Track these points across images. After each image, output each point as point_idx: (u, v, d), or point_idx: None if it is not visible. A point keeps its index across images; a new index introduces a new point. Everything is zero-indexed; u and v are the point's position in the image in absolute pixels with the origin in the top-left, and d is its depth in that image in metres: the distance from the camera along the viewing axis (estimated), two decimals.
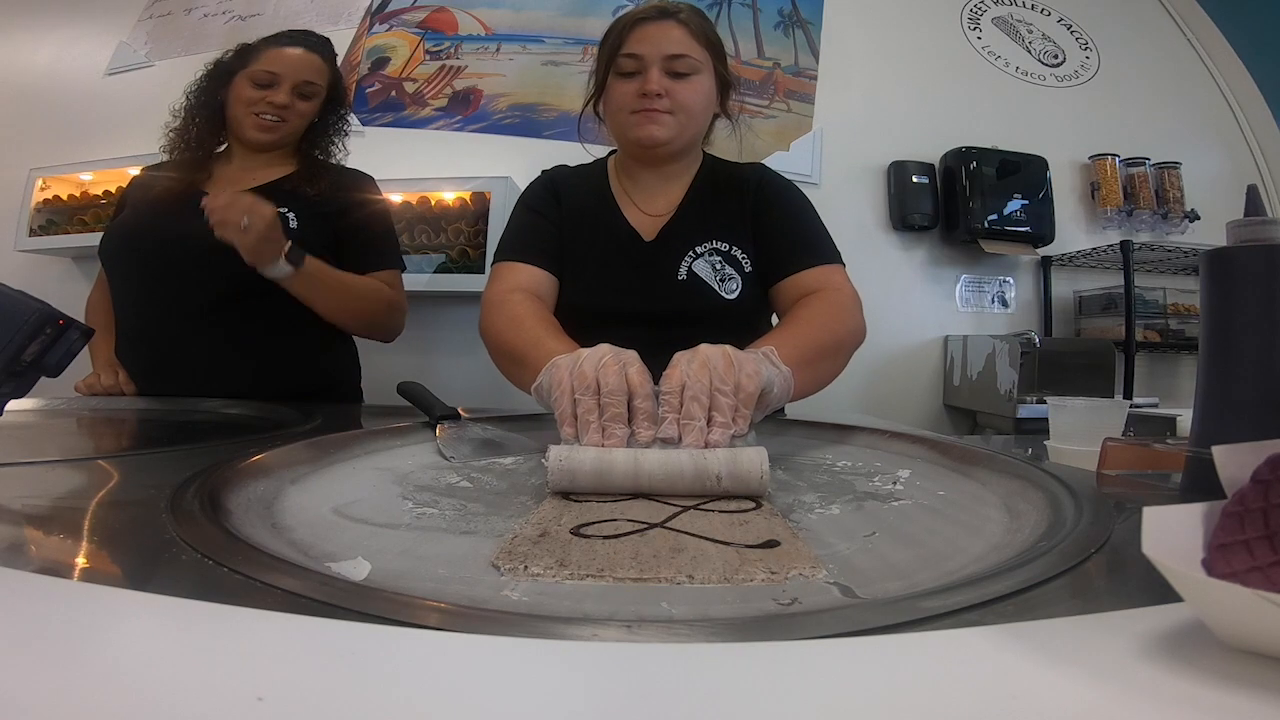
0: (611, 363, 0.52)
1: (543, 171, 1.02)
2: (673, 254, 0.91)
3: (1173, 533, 0.25)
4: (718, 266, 0.90)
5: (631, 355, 0.54)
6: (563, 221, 0.95)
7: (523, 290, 0.86)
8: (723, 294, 0.90)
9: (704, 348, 0.54)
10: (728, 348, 0.54)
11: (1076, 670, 0.20)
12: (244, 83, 1.12)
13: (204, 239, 1.06)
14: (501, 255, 0.92)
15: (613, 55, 0.90)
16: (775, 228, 0.92)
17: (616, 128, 0.94)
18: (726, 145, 1.04)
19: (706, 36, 0.91)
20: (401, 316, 1.22)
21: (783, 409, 0.76)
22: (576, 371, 0.52)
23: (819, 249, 0.90)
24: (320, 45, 1.20)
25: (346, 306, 1.12)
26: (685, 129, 0.91)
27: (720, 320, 0.90)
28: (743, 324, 0.90)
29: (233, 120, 1.15)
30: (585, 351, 0.55)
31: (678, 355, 0.54)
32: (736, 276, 0.91)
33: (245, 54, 1.15)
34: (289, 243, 1.01)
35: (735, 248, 0.92)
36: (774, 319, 0.96)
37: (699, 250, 0.91)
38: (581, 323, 0.84)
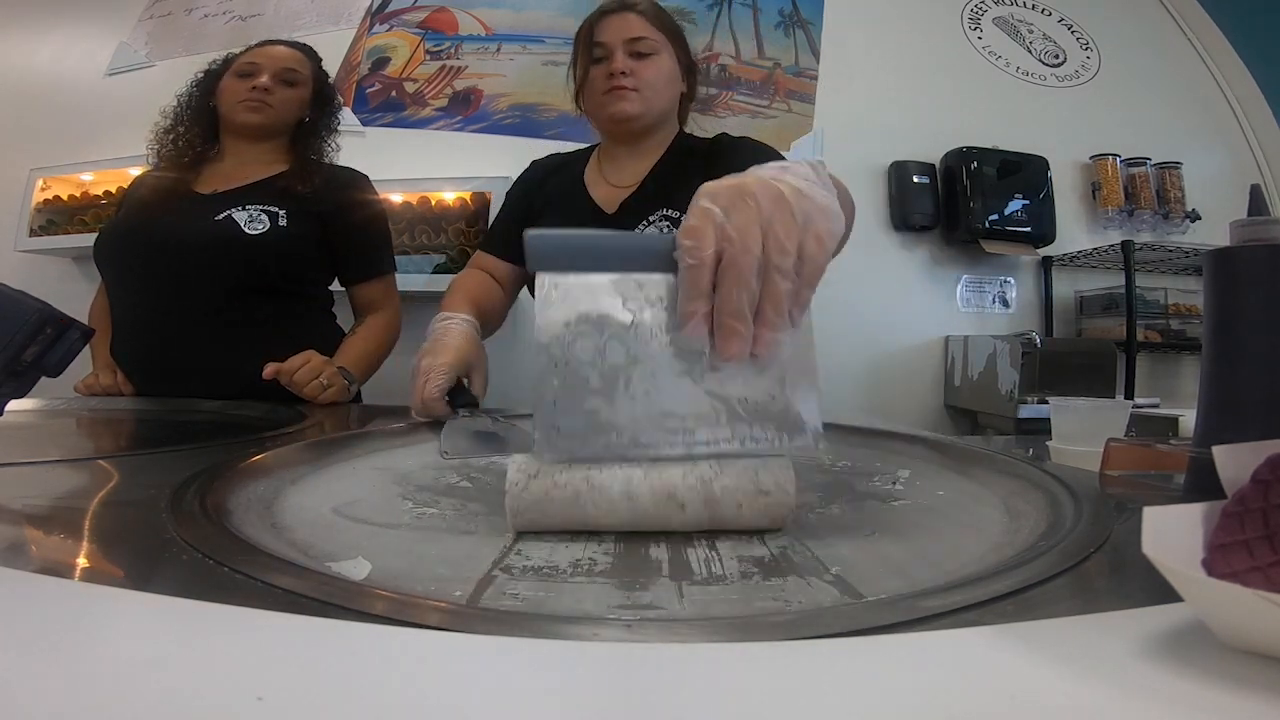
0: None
1: (533, 162, 1.13)
2: (628, 223, 0.97)
3: (1173, 533, 0.25)
4: (664, 230, 0.95)
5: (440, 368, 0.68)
6: (537, 207, 1.05)
7: (477, 269, 1.03)
8: None
9: (753, 178, 0.36)
10: (785, 179, 0.36)
11: (1076, 670, 0.20)
12: (229, 79, 1.17)
13: (195, 239, 1.06)
14: (479, 245, 1.10)
15: (585, 46, 1.02)
16: (722, 167, 0.84)
17: (593, 109, 1.03)
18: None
19: (663, 22, 1.02)
20: (399, 323, 1.26)
21: None
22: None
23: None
24: (300, 45, 1.26)
25: (377, 366, 1.21)
26: (651, 104, 1.00)
27: None
28: None
29: (224, 117, 1.18)
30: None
31: (709, 187, 0.35)
32: None
33: (230, 60, 1.21)
34: (347, 383, 1.06)
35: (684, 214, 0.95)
36: None
37: (651, 219, 0.97)
38: None
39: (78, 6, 2.25)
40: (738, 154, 0.98)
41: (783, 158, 0.97)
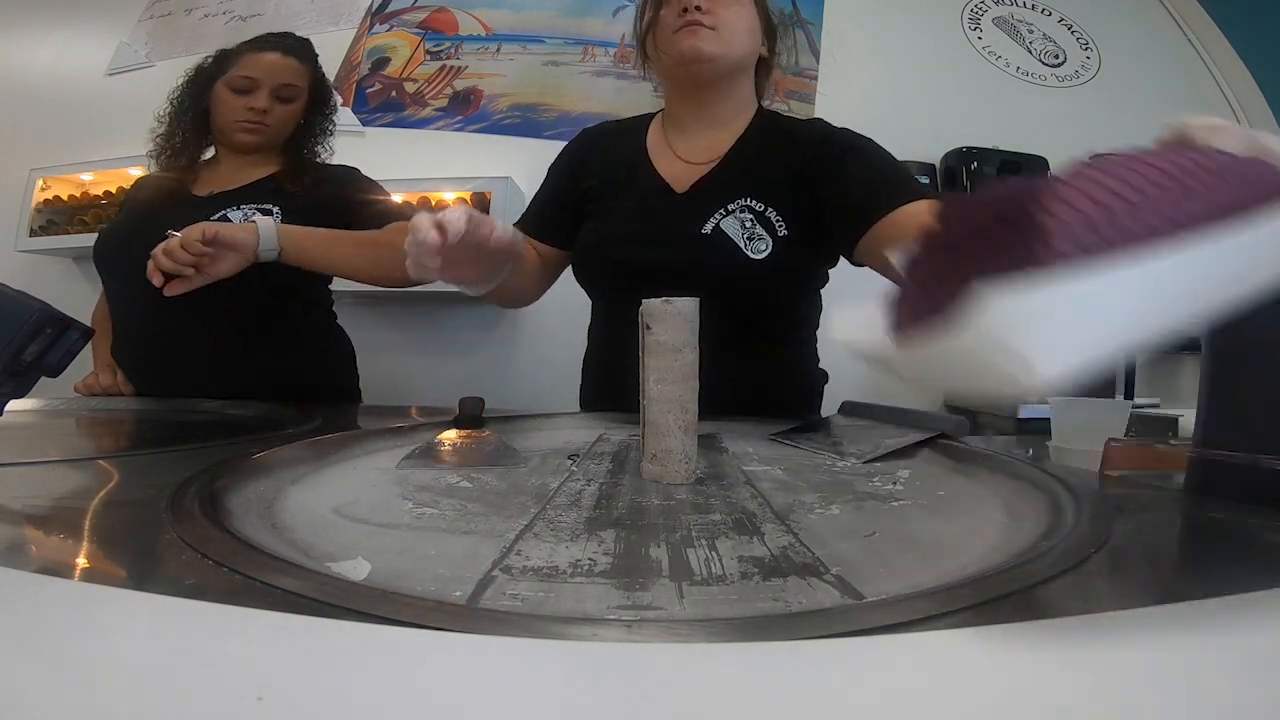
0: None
1: (583, 130, 1.05)
2: (702, 208, 0.89)
3: (862, 322, 0.30)
4: (747, 225, 0.88)
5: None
6: (588, 184, 0.96)
7: None
8: (748, 253, 0.86)
9: None
10: None
11: (1076, 670, 0.20)
12: (224, 90, 1.14)
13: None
14: (516, 222, 0.99)
15: None
16: (853, 173, 0.87)
17: (663, 50, 0.91)
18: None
19: None
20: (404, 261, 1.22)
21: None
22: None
23: (913, 184, 0.85)
24: (298, 48, 1.21)
25: (356, 258, 1.08)
26: (730, 46, 0.88)
27: (740, 279, 0.87)
28: (766, 287, 0.88)
29: (217, 128, 1.17)
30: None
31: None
32: (767, 238, 0.87)
33: (224, 60, 1.17)
34: (252, 239, 0.99)
35: (771, 209, 0.88)
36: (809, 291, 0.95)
37: (730, 208, 0.88)
38: (600, 271, 0.94)
39: (78, 6, 2.25)
40: (858, 159, 0.89)
41: (891, 156, 0.91)
